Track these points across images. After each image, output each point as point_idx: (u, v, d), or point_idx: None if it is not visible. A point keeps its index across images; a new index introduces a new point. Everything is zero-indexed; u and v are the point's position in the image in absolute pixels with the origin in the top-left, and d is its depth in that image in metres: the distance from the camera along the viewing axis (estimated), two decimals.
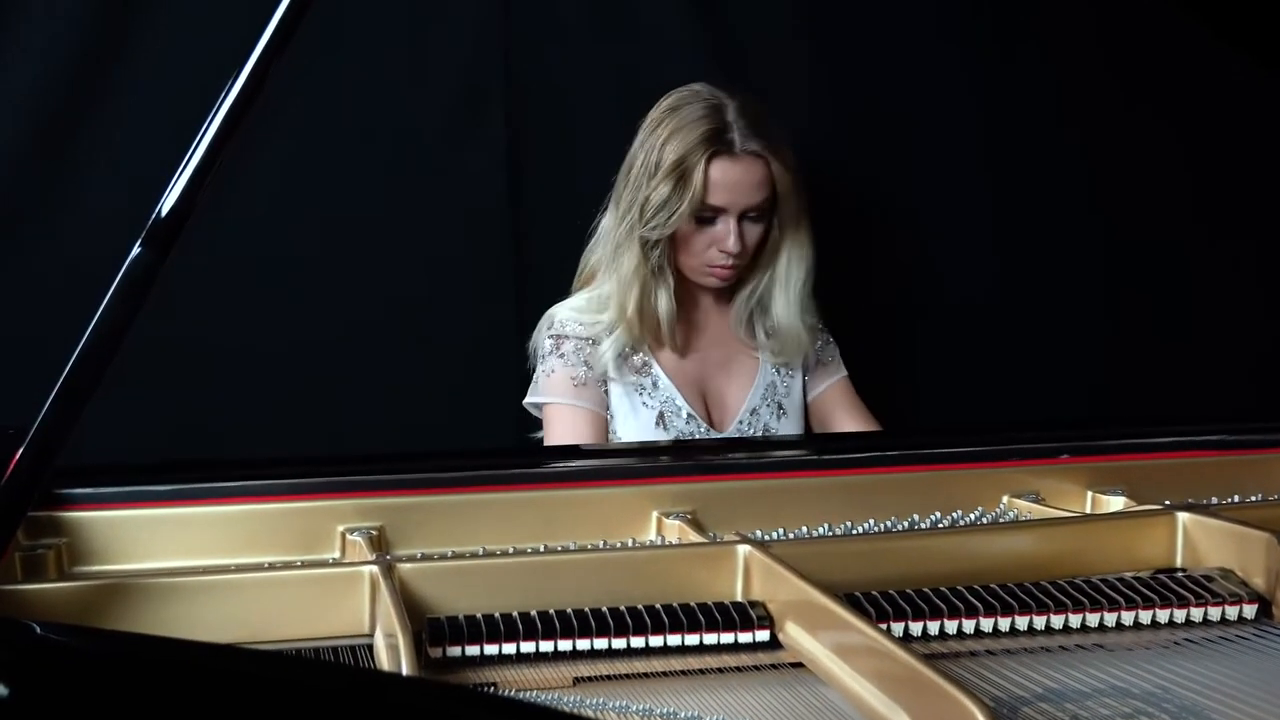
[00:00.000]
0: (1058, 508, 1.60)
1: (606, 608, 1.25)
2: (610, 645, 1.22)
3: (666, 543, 1.48)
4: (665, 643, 1.23)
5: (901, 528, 1.55)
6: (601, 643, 1.22)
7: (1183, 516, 1.44)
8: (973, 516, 1.59)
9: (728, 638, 1.24)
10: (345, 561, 1.41)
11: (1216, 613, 1.30)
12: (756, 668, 1.22)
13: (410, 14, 2.40)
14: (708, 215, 2.08)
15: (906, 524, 1.55)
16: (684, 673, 1.21)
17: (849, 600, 1.24)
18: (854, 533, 1.53)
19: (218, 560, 1.41)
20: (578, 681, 1.18)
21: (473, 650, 1.20)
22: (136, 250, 1.19)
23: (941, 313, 2.69)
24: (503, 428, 2.38)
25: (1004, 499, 1.63)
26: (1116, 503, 1.61)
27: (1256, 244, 2.77)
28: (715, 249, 2.09)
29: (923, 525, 1.56)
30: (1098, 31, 2.67)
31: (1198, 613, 1.30)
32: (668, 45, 2.49)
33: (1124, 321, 2.77)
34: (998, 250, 2.70)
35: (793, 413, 2.22)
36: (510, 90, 2.45)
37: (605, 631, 1.22)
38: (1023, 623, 1.27)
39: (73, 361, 1.16)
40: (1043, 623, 1.27)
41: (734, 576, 1.32)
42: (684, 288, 2.18)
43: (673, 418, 2.13)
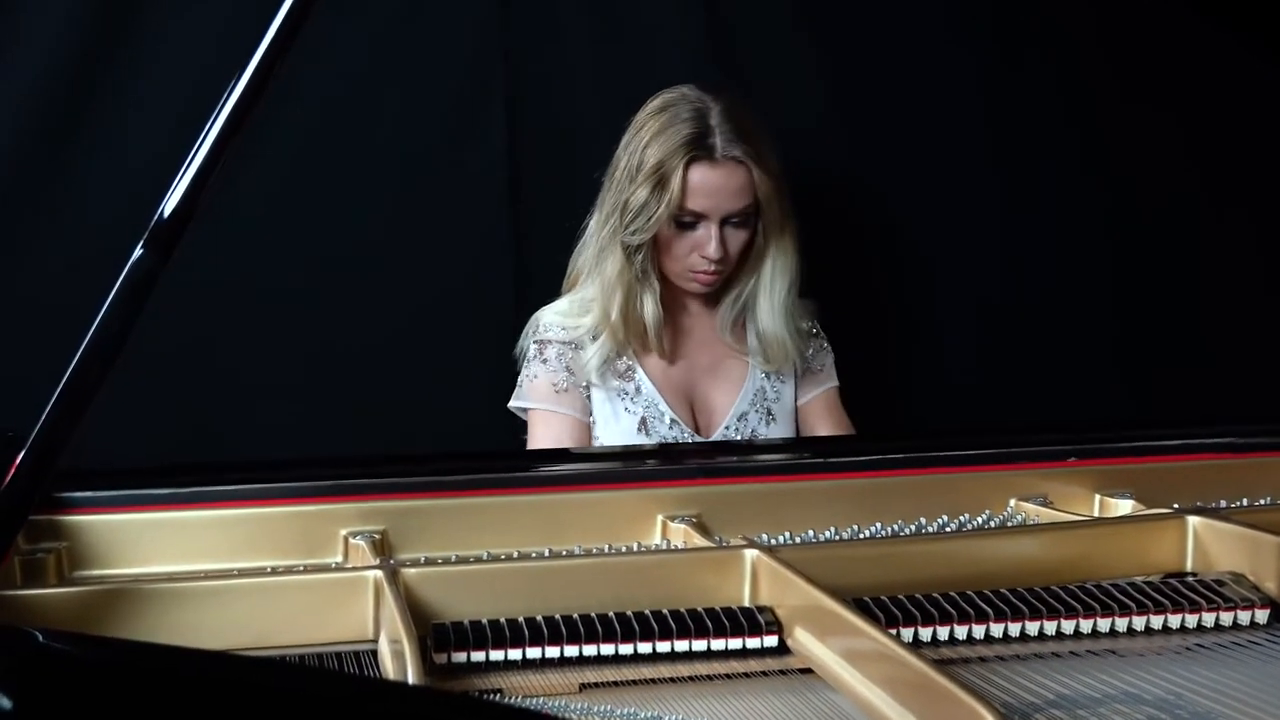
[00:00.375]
0: (1065, 511, 1.59)
1: (613, 613, 1.24)
2: (617, 651, 1.21)
3: (673, 547, 1.47)
4: (672, 648, 1.22)
5: (909, 531, 1.53)
6: (608, 648, 1.21)
7: (1193, 520, 1.44)
8: (980, 520, 1.57)
9: (735, 643, 1.23)
10: (349, 566, 1.40)
11: (1228, 618, 1.29)
12: (765, 674, 1.21)
13: (410, 14, 2.39)
14: (688, 220, 2.06)
15: (914, 527, 1.54)
16: (691, 679, 1.20)
17: (858, 605, 1.23)
18: (861, 536, 1.52)
19: (220, 564, 1.40)
20: (584, 688, 1.17)
21: (478, 656, 1.19)
22: (138, 252, 1.18)
23: (947, 314, 2.68)
24: (503, 429, 2.37)
25: (1011, 502, 1.62)
26: (1124, 506, 1.60)
27: (1268, 245, 2.76)
28: (697, 254, 2.07)
29: (930, 529, 1.54)
30: (1103, 30, 2.66)
31: (1209, 618, 1.29)
32: (667, 45, 2.49)
33: (1131, 322, 2.76)
34: (1004, 251, 2.69)
35: (783, 419, 2.20)
36: (510, 90, 2.44)
37: (612, 637, 1.21)
38: (1033, 628, 1.27)
39: (74, 364, 1.15)
40: (1053, 628, 1.27)
41: (741, 581, 1.31)
42: (670, 292, 2.16)
43: (655, 423, 2.12)
